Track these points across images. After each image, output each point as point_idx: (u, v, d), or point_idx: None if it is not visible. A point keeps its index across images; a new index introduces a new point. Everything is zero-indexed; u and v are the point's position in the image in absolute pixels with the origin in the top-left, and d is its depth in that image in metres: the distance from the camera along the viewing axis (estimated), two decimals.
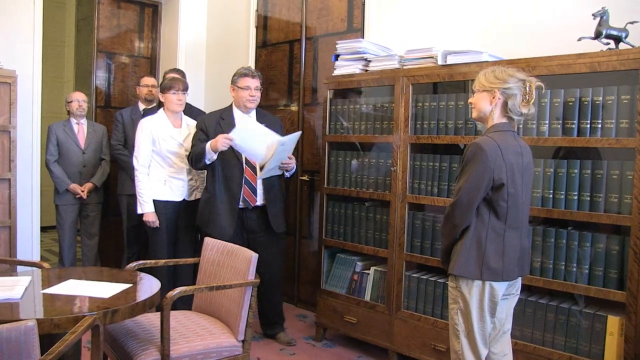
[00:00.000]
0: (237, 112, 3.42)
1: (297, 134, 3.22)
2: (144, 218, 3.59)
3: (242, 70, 3.39)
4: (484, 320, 2.18)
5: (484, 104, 2.22)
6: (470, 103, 2.32)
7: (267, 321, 3.64)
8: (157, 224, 3.57)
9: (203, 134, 3.36)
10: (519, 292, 2.35)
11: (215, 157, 3.28)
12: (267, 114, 3.63)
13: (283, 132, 3.52)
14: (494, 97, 2.19)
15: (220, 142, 3.19)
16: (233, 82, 3.40)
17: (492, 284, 2.16)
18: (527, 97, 2.16)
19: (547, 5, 3.06)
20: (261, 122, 3.33)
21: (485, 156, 2.10)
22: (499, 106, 2.20)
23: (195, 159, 3.34)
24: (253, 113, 3.46)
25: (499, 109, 2.20)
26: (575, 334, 2.55)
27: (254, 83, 3.38)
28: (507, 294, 2.28)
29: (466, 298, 2.17)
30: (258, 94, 3.40)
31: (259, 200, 3.42)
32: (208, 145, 3.24)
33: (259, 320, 3.67)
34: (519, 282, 2.33)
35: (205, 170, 3.54)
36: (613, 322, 2.44)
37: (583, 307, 2.57)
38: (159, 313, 2.41)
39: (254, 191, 3.40)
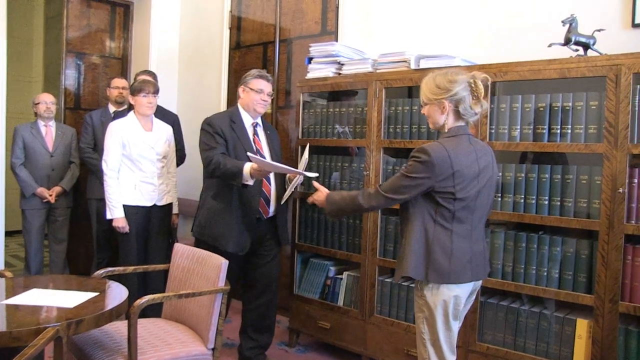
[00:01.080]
0: (245, 116, 3.16)
1: (313, 175, 2.96)
2: (114, 223, 3.52)
3: (257, 72, 3.14)
4: (449, 327, 2.16)
5: (436, 116, 2.18)
6: (424, 114, 2.28)
7: (257, 328, 3.32)
8: (127, 229, 3.52)
9: (221, 137, 3.04)
10: (474, 297, 2.32)
11: (252, 182, 2.95)
12: (270, 125, 3.42)
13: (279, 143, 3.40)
14: (444, 107, 2.15)
15: (257, 170, 2.87)
16: (245, 82, 3.15)
17: (456, 290, 2.13)
18: (476, 94, 2.12)
19: (519, 11, 3.09)
20: (267, 132, 3.23)
21: (431, 165, 2.05)
22: (452, 113, 2.15)
23: (224, 175, 2.95)
24: (259, 119, 3.22)
25: (452, 116, 2.16)
26: (546, 337, 2.58)
27: (268, 88, 3.15)
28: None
29: (431, 306, 2.14)
30: (269, 100, 3.18)
31: (271, 212, 3.19)
32: (247, 169, 2.87)
33: (242, 332, 3.36)
34: (478, 286, 2.30)
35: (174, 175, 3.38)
36: (582, 325, 2.47)
37: (553, 311, 2.60)
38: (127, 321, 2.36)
39: (268, 202, 3.17)
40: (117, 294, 2.41)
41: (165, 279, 3.22)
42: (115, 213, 3.50)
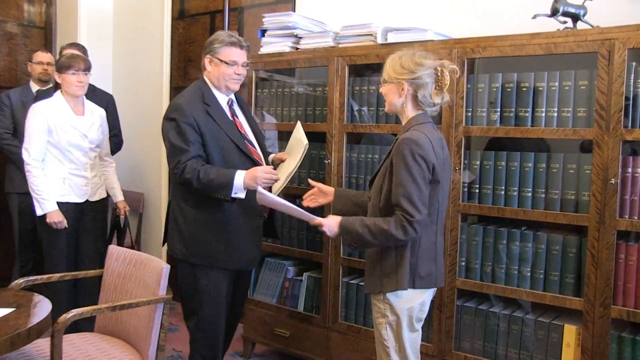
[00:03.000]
0: (217, 94, 2.72)
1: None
2: (48, 220, 3.23)
3: (226, 38, 2.65)
4: (414, 329, 2.19)
5: (393, 97, 2.18)
6: (382, 93, 2.27)
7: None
8: (64, 223, 3.26)
9: (195, 132, 2.56)
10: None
11: (244, 195, 2.56)
12: (242, 98, 2.96)
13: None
14: (402, 89, 2.14)
15: (263, 178, 2.52)
16: (212, 52, 2.67)
17: (424, 292, 2.17)
18: (440, 84, 2.11)
19: None
20: (243, 110, 2.86)
21: (425, 152, 2.05)
22: (409, 98, 2.15)
23: (206, 187, 2.53)
24: (232, 95, 2.80)
25: (410, 102, 2.16)
26: (530, 345, 2.53)
27: (243, 57, 2.69)
28: None
29: (396, 310, 2.14)
30: (245, 72, 2.74)
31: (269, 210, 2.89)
32: (240, 178, 2.51)
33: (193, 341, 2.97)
34: None
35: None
36: (570, 332, 2.42)
37: (538, 316, 2.55)
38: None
39: None
40: (38, 308, 2.24)
41: (100, 287, 3.04)
42: (46, 207, 3.22)
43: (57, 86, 3.41)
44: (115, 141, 4.03)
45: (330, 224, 2.21)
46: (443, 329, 2.70)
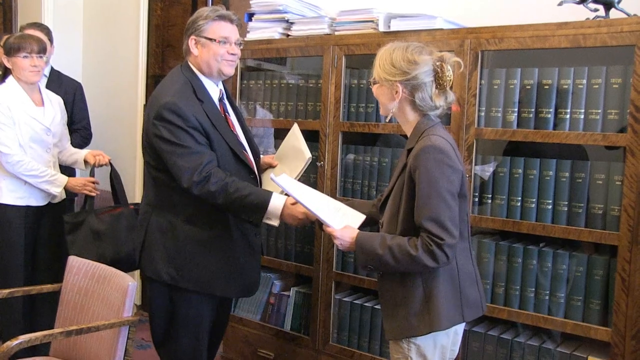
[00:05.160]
0: (209, 85, 2.44)
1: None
2: (71, 190, 3.16)
3: (211, 13, 2.38)
4: None
5: (385, 100, 2.00)
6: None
7: None
8: (91, 186, 3.15)
9: (202, 136, 2.31)
10: None
11: (277, 224, 2.34)
12: (230, 94, 2.74)
13: None
14: (396, 92, 1.94)
15: (297, 218, 2.29)
16: (196, 31, 2.38)
17: (457, 327, 1.99)
18: (442, 83, 1.91)
19: None
20: (232, 104, 2.61)
21: (452, 161, 1.86)
22: (406, 103, 1.95)
23: (235, 204, 2.26)
24: (221, 85, 2.55)
25: (407, 105, 1.96)
26: None
27: (235, 33, 2.41)
28: None
29: (424, 351, 1.92)
30: (239, 52, 2.47)
31: None
32: (279, 204, 2.27)
33: None
34: None
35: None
36: None
37: (557, 346, 2.42)
38: None
39: None
40: None
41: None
42: (60, 180, 3.11)
43: (5, 72, 3.17)
44: (83, 134, 3.81)
45: (344, 236, 1.96)
46: None
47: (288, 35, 3.14)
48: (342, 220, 2.07)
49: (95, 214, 3.00)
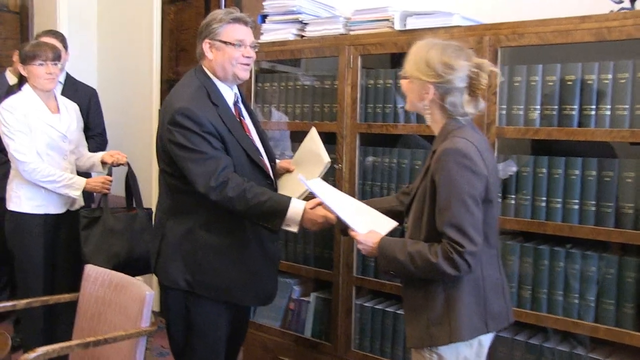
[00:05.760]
0: (224, 89, 2.42)
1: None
2: (91, 190, 3.20)
3: (225, 16, 2.36)
4: None
5: (414, 97, 1.96)
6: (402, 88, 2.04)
7: None
8: (108, 185, 3.18)
9: (218, 141, 2.29)
10: None
11: (296, 230, 2.31)
12: (243, 94, 2.69)
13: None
14: (426, 93, 1.90)
15: (317, 222, 2.27)
16: (210, 35, 2.35)
17: (481, 338, 1.92)
18: (475, 91, 1.88)
19: None
20: (248, 109, 2.57)
21: (475, 165, 1.81)
22: (435, 105, 1.91)
23: (253, 210, 2.24)
24: (236, 89, 2.52)
25: (435, 108, 1.92)
26: None
27: (249, 35, 2.39)
28: None
29: None
30: (254, 55, 2.43)
31: None
32: (299, 210, 2.24)
33: None
34: None
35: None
36: None
37: (588, 352, 2.36)
38: None
39: None
40: None
41: None
42: (78, 183, 3.11)
43: (21, 80, 3.19)
44: (99, 141, 3.84)
45: (368, 241, 1.94)
46: None
47: (302, 36, 3.13)
48: (370, 225, 2.04)
49: (111, 212, 3.06)
